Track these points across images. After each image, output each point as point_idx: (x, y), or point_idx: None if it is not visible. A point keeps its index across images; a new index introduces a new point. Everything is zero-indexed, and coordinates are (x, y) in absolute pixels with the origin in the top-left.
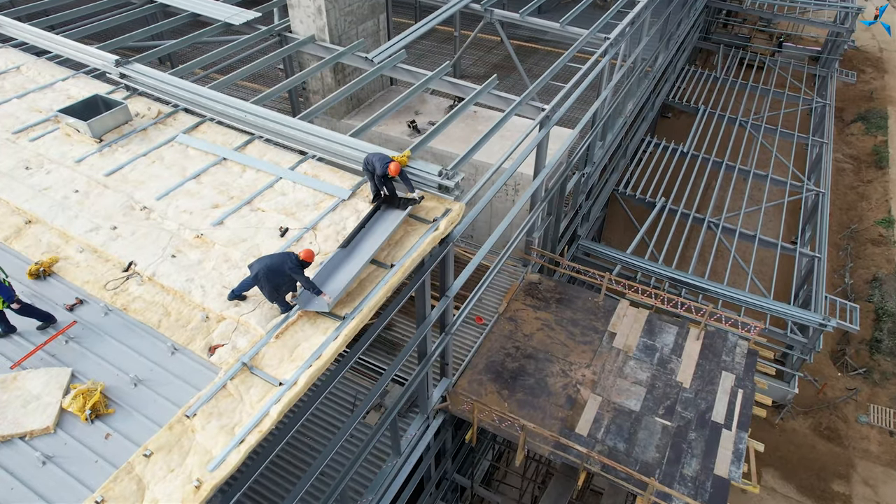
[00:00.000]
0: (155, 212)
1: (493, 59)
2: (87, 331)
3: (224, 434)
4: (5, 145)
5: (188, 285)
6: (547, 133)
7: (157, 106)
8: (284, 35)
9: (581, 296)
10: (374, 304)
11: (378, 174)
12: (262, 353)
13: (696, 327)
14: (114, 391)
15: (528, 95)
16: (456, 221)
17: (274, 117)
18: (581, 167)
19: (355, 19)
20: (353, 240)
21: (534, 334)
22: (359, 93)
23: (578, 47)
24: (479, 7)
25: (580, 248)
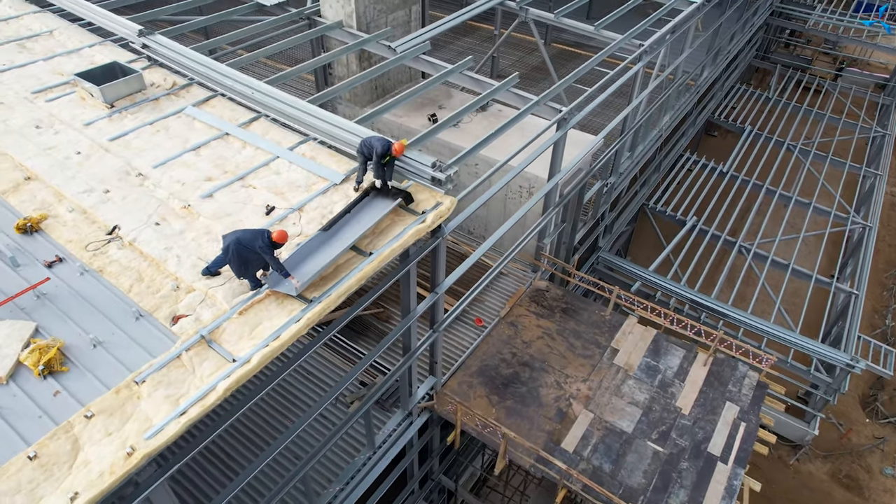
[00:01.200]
0: (149, 179)
1: (533, 61)
2: (60, 289)
3: (168, 404)
4: (23, 104)
5: (165, 254)
6: (564, 135)
7: (174, 78)
8: (313, 19)
9: (588, 308)
10: (343, 291)
11: (378, 153)
12: (223, 328)
13: (705, 352)
14: (73, 350)
15: (547, 96)
16: (445, 215)
17: (280, 97)
18: (605, 176)
19: (385, 8)
20: (336, 224)
21: (533, 342)
22: (385, 83)
23: (609, 52)
24: (514, 4)
25: (601, 260)
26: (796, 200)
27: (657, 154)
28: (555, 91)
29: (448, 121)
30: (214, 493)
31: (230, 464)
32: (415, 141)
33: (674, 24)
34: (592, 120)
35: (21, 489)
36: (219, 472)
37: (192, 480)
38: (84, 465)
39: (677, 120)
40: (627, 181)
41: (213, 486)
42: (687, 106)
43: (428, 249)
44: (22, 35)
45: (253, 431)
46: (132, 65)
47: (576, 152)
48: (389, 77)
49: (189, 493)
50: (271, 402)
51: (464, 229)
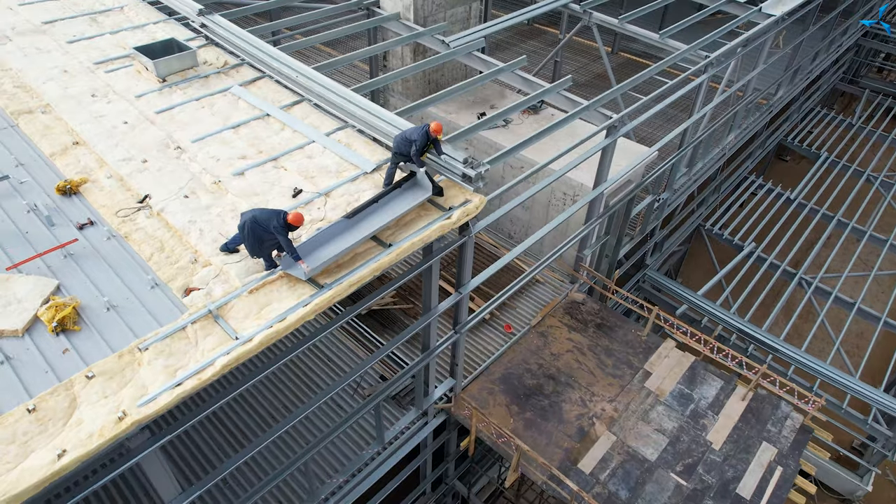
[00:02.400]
0: (186, 153)
1: (597, 69)
2: (87, 251)
3: (166, 374)
4: (85, 73)
5: (189, 226)
6: (613, 143)
7: (226, 57)
8: (372, 9)
9: (624, 326)
10: (355, 280)
11: (418, 143)
12: (231, 305)
13: (745, 386)
14: (87, 310)
15: (599, 101)
16: (472, 214)
17: (323, 82)
18: (657, 190)
19: (444, 3)
20: (361, 213)
21: (562, 355)
22: (439, 79)
23: (671, 62)
24: (578, 8)
25: (647, 278)
26: (871, 236)
27: (718, 174)
28: (608, 97)
29: (493, 118)
30: (220, 463)
31: (242, 440)
32: (459, 135)
33: (746, 37)
34: (651, 133)
35: (16, 440)
36: (229, 447)
37: (203, 451)
38: (77, 425)
39: (744, 139)
40: (683, 199)
41: (221, 458)
42: (756, 125)
43: (452, 247)
44: (95, 9)
45: (268, 412)
46: (190, 43)
47: (626, 163)
48: (444, 73)
49: (197, 461)
50: (290, 384)
51: (504, 232)
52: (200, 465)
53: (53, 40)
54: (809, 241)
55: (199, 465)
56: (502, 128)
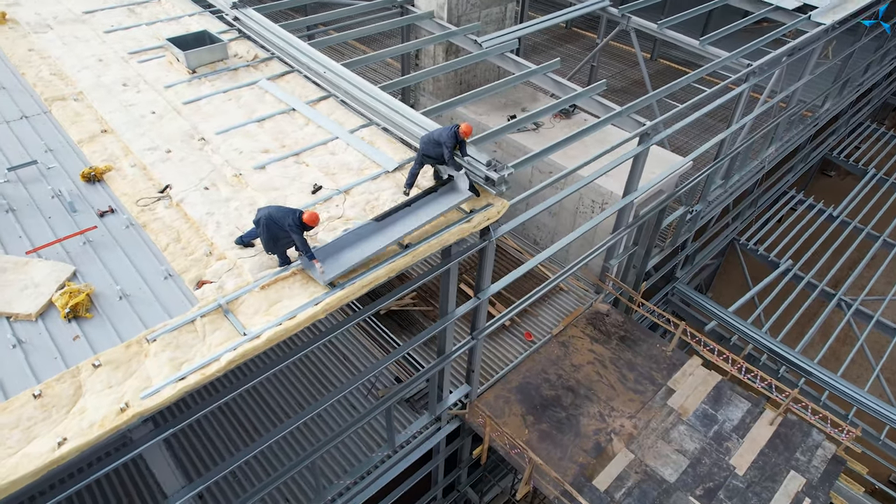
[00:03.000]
0: (209, 144)
1: (635, 75)
2: (105, 238)
3: (171, 367)
4: (118, 63)
5: (206, 218)
6: (645, 151)
7: (257, 51)
8: (406, 7)
9: (649, 340)
10: (369, 281)
11: (448, 144)
12: (242, 300)
13: (774, 410)
14: (101, 298)
15: (632, 108)
16: (494, 218)
17: (351, 78)
18: (690, 202)
19: (479, 3)
20: (390, 217)
21: (582, 367)
22: (471, 80)
23: (711, 70)
24: (616, 11)
25: (676, 291)
26: None
27: (756, 187)
28: (641, 104)
29: (522, 121)
30: (230, 456)
31: (252, 433)
32: (487, 136)
33: (792, 47)
34: (687, 142)
35: (19, 425)
36: (239, 439)
37: (213, 442)
38: (80, 413)
39: (785, 152)
40: (717, 211)
41: (230, 450)
42: (799, 138)
43: (472, 251)
44: (134, 0)
45: (280, 407)
46: (222, 35)
47: (659, 172)
48: (476, 74)
49: (207, 452)
50: (304, 380)
51: (529, 238)
52: (210, 456)
53: (92, 30)
54: (851, 260)
55: (208, 455)
56: (532, 131)
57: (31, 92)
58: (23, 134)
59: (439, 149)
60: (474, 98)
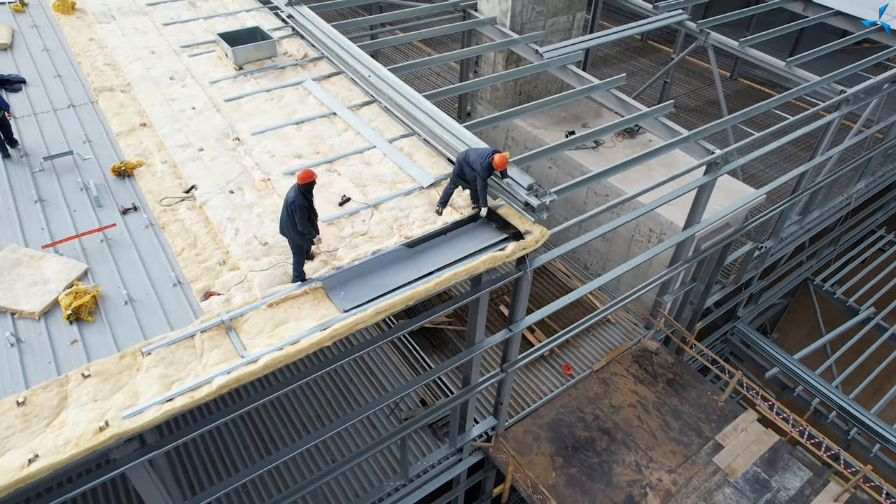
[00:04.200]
0: (243, 145)
1: (712, 95)
2: (123, 237)
3: (161, 385)
4: (169, 55)
5: (226, 224)
6: (712, 182)
7: (307, 49)
8: (468, 12)
9: (699, 386)
10: (383, 308)
11: (480, 172)
12: (247, 317)
13: (840, 485)
14: (106, 301)
15: (701, 133)
16: (530, 248)
17: (395, 84)
18: (759, 237)
19: (546, 10)
20: (424, 244)
21: (622, 408)
22: (531, 91)
23: (797, 94)
24: (694, 26)
25: (736, 331)
26: None
27: (838, 225)
28: (713, 129)
29: (579, 138)
30: (244, 467)
31: (269, 444)
32: (541, 153)
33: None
34: (763, 171)
35: None
36: (255, 448)
37: (229, 449)
38: (59, 427)
39: (876, 189)
40: (790, 249)
41: (244, 460)
42: (894, 174)
43: (505, 280)
44: None
45: (300, 418)
46: (275, 33)
47: (726, 204)
48: (537, 86)
49: (221, 459)
50: (327, 391)
51: (580, 263)
52: (223, 463)
53: (151, 21)
54: None
55: (221, 462)
56: (592, 150)
57: (83, 81)
58: (67, 123)
59: (473, 173)
60: (532, 110)
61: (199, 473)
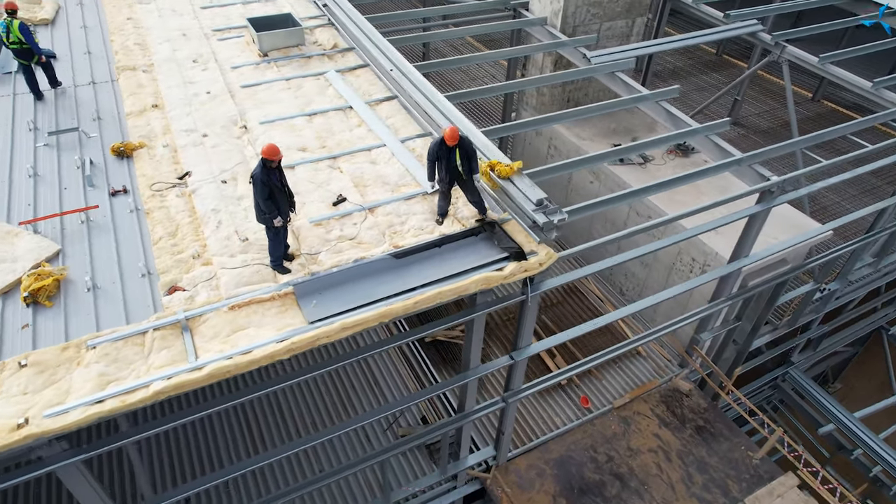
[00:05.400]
0: (249, 134)
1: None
2: (105, 220)
3: (96, 383)
4: (199, 38)
5: (210, 215)
6: (764, 212)
7: (338, 39)
8: (519, 10)
9: (732, 438)
10: (351, 324)
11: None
12: (205, 318)
13: None
14: (69, 286)
15: (756, 157)
16: (533, 270)
17: (417, 81)
18: (823, 278)
19: (602, 13)
20: (412, 256)
21: (641, 453)
22: (580, 98)
23: (883, 119)
24: (768, 38)
25: (789, 378)
26: None
27: None
28: (770, 153)
29: (621, 151)
30: (229, 463)
31: (258, 441)
32: (579, 162)
33: None
34: (838, 203)
35: None
36: (243, 445)
37: (217, 443)
38: None
39: None
40: (862, 293)
41: (231, 455)
42: None
43: (505, 304)
44: None
45: (293, 418)
46: (311, 21)
47: (784, 237)
48: (588, 93)
49: (208, 453)
50: (327, 397)
51: (616, 286)
52: (209, 456)
53: (190, 4)
54: None
55: (207, 455)
56: (639, 166)
57: (110, 59)
58: (83, 99)
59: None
60: (571, 117)
61: (184, 463)
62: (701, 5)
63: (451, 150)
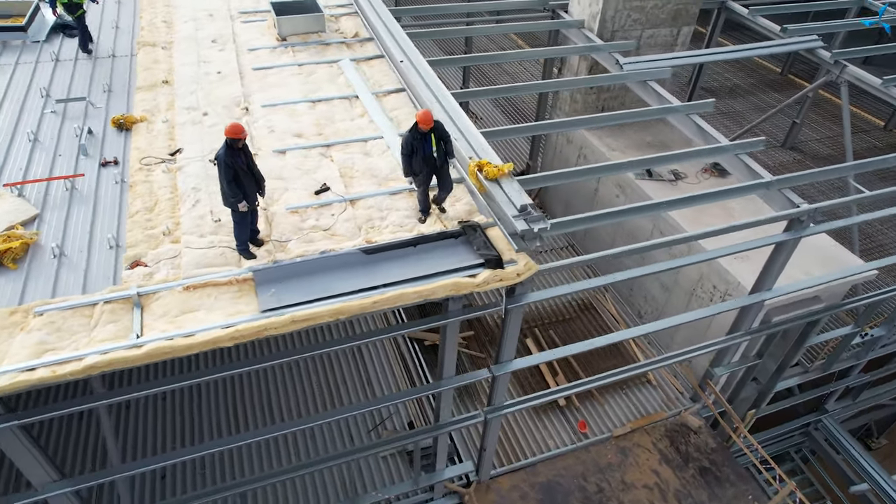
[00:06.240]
0: (249, 116)
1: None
2: (88, 190)
3: (33, 351)
4: (224, 20)
5: (190, 193)
6: (794, 241)
7: (361, 28)
8: (557, 12)
9: (739, 485)
10: (302, 318)
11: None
12: (159, 296)
13: None
14: (37, 251)
15: (787, 181)
16: (509, 280)
17: (425, 74)
18: (865, 321)
19: (644, 20)
20: (383, 253)
21: (635, 488)
22: (616, 107)
23: None
24: (826, 56)
25: (822, 427)
26: None
27: None
28: (806, 178)
29: (639, 162)
30: (209, 438)
31: (241, 422)
32: (599, 169)
33: None
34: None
35: None
36: (226, 424)
37: (201, 417)
38: None
39: None
40: None
41: (213, 433)
42: None
43: (485, 312)
44: None
45: (279, 405)
46: (338, 9)
47: (819, 272)
48: (624, 103)
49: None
50: (317, 388)
51: (634, 308)
52: (192, 429)
53: None
54: None
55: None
56: (669, 183)
57: (135, 34)
58: (99, 72)
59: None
60: (595, 123)
61: (166, 434)
62: (757, 17)
63: (425, 137)
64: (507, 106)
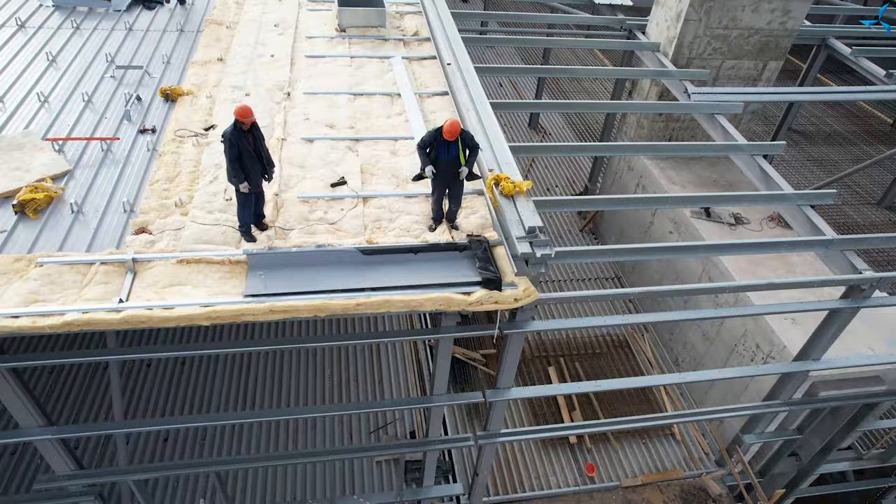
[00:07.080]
0: (289, 101)
1: None
2: (120, 153)
3: (23, 300)
4: (292, 6)
5: (211, 168)
6: (852, 310)
7: (422, 28)
8: (634, 32)
9: None
10: (279, 309)
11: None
12: (153, 265)
13: None
14: (59, 205)
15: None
16: (506, 304)
17: (469, 80)
18: None
19: (726, 49)
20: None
21: None
22: (684, 137)
23: None
24: None
25: None
26: None
27: None
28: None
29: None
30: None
31: (245, 399)
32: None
33: None
34: None
35: None
36: (235, 400)
37: (212, 388)
38: None
39: None
40: None
41: (220, 406)
42: None
43: (471, 333)
44: None
45: (290, 392)
46: (405, 7)
47: (884, 350)
48: (694, 135)
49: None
50: (328, 381)
51: (672, 354)
52: (200, 398)
53: None
54: None
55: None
56: (728, 227)
57: (207, 12)
58: (164, 44)
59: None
60: (651, 152)
61: (175, 399)
62: (861, 59)
63: (449, 143)
64: (580, 124)
